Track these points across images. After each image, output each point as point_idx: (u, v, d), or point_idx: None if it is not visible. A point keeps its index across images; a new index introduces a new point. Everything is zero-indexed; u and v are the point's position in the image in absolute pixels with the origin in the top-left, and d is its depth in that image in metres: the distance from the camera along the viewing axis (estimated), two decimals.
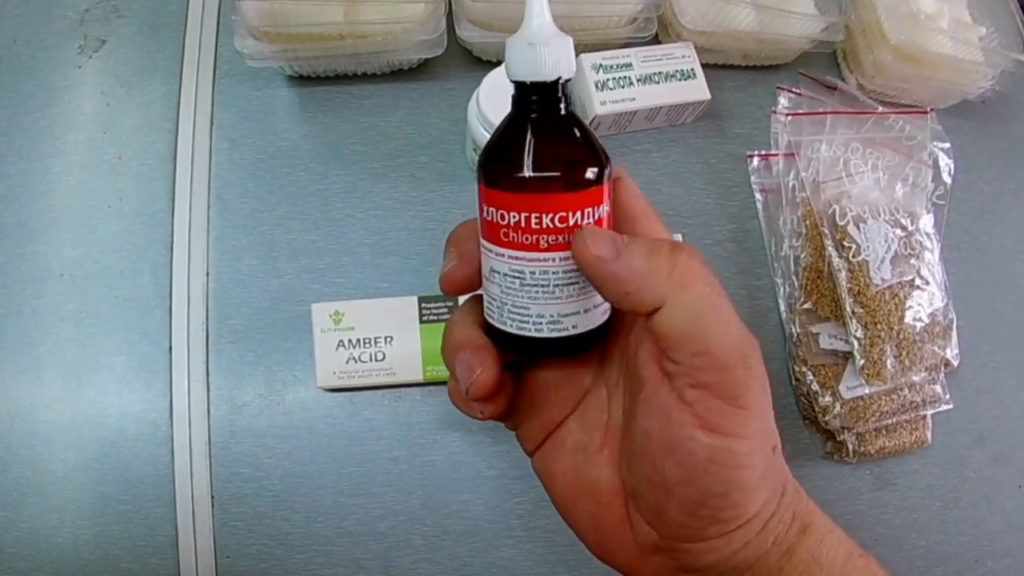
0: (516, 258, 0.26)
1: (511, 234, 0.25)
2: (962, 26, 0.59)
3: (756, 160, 0.57)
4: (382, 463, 0.49)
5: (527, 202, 0.25)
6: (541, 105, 0.26)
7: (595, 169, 0.25)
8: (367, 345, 0.47)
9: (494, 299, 0.27)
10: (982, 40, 0.59)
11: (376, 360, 0.47)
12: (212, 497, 0.48)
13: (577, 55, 0.53)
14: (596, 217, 0.26)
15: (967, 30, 0.59)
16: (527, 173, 0.25)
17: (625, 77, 0.53)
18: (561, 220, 0.25)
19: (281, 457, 0.49)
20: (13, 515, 0.47)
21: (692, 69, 0.54)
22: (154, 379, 0.50)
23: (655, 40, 0.56)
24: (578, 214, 0.25)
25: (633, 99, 0.52)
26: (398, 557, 0.48)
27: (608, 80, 0.52)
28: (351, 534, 0.48)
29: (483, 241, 0.27)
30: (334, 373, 0.47)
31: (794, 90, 0.58)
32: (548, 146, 0.25)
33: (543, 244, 0.25)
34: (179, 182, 0.53)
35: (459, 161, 0.55)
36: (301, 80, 0.56)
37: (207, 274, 0.52)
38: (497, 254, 0.26)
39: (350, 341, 0.47)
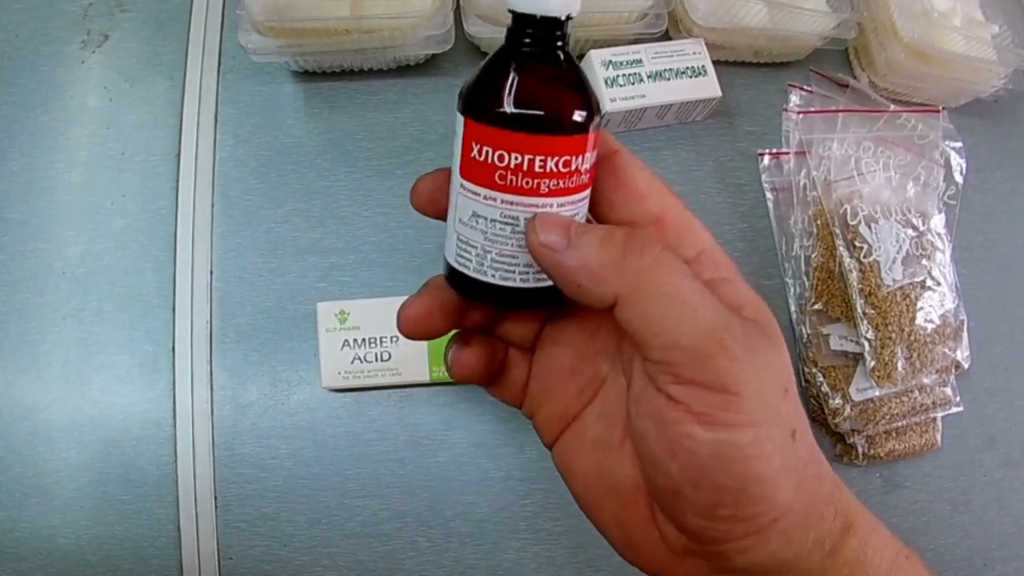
0: (511, 203, 0.24)
1: (509, 176, 0.24)
2: (975, 24, 0.58)
3: (767, 158, 0.57)
4: (387, 464, 0.49)
5: (535, 143, 0.23)
6: (550, 41, 0.24)
7: (599, 114, 0.25)
8: (373, 345, 0.47)
9: (473, 247, 0.25)
10: (995, 38, 0.58)
11: (382, 360, 0.47)
12: (215, 498, 0.48)
13: (586, 51, 0.53)
14: (593, 162, 0.25)
15: (980, 28, 0.58)
16: (547, 112, 0.24)
17: (635, 74, 0.52)
18: (565, 164, 0.24)
19: (285, 458, 0.48)
20: (15, 515, 0.47)
21: (703, 66, 0.53)
22: (157, 378, 0.49)
23: (665, 36, 0.55)
24: (580, 158, 0.24)
25: (643, 96, 0.52)
26: (403, 559, 0.48)
27: (618, 76, 0.52)
28: (356, 536, 0.48)
29: (466, 183, 0.25)
30: (339, 373, 0.47)
31: (806, 88, 0.57)
32: (564, 85, 0.25)
33: (544, 189, 0.24)
34: (183, 179, 0.53)
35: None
36: (306, 76, 0.55)
37: (211, 272, 0.51)
38: (487, 198, 0.24)
39: (356, 341, 0.47)
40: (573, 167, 0.24)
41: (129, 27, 0.56)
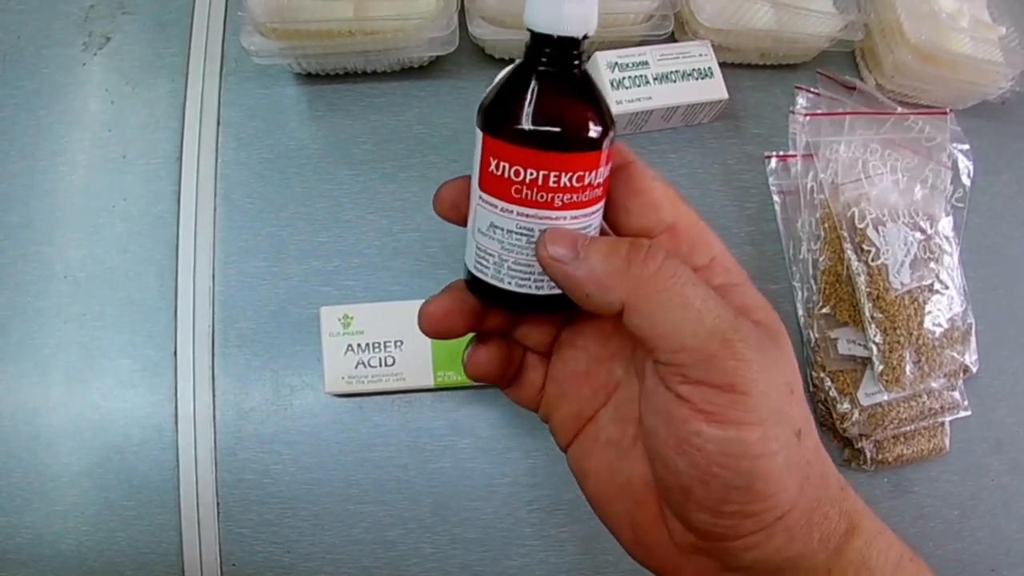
0: (527, 215, 0.25)
1: (524, 191, 0.25)
2: (982, 26, 0.58)
3: (774, 161, 0.56)
4: (391, 470, 0.48)
5: (549, 160, 0.24)
6: (567, 60, 0.25)
7: (612, 130, 0.25)
8: (376, 349, 0.46)
9: (491, 255, 0.26)
10: (1002, 40, 0.58)
11: (386, 365, 0.46)
12: (217, 504, 0.47)
13: (592, 52, 0.53)
14: (606, 176, 0.26)
15: (987, 30, 0.58)
16: (560, 131, 0.24)
17: (641, 76, 0.52)
18: (579, 179, 0.25)
19: (288, 463, 0.48)
20: (16, 520, 0.46)
21: (709, 68, 0.53)
22: (159, 383, 0.49)
23: (671, 38, 0.55)
24: (593, 173, 0.25)
25: (649, 98, 0.51)
26: (407, 566, 0.47)
27: (624, 79, 0.51)
28: (359, 542, 0.47)
29: (484, 195, 0.26)
30: (343, 378, 0.46)
31: (812, 90, 0.57)
32: (579, 103, 0.25)
33: (558, 203, 0.25)
34: (185, 182, 0.52)
35: (471, 161, 0.54)
36: (309, 78, 0.55)
37: (213, 276, 0.51)
38: (504, 210, 0.25)
39: (359, 345, 0.46)
40: (586, 182, 0.25)
41: (131, 29, 0.55)
